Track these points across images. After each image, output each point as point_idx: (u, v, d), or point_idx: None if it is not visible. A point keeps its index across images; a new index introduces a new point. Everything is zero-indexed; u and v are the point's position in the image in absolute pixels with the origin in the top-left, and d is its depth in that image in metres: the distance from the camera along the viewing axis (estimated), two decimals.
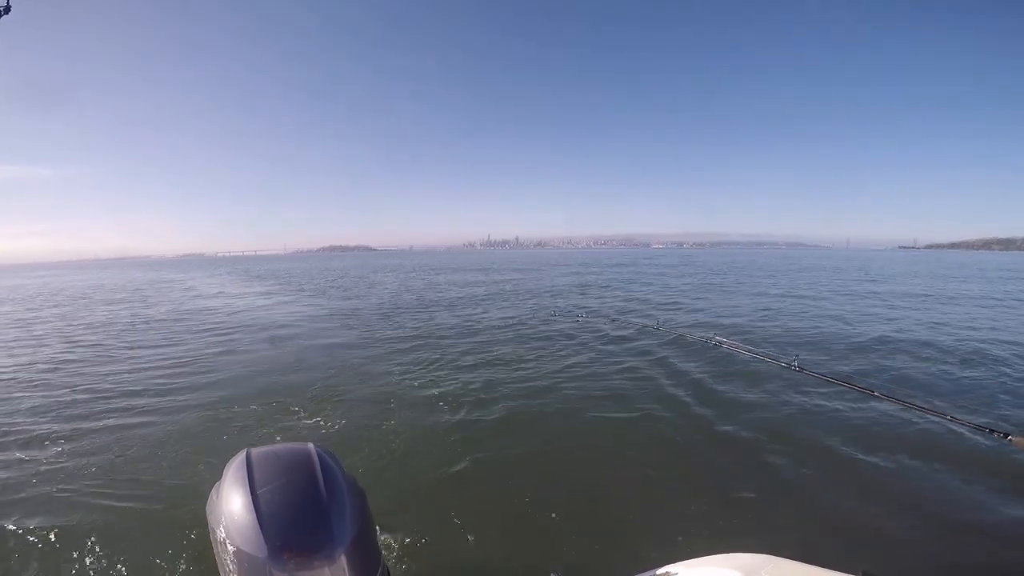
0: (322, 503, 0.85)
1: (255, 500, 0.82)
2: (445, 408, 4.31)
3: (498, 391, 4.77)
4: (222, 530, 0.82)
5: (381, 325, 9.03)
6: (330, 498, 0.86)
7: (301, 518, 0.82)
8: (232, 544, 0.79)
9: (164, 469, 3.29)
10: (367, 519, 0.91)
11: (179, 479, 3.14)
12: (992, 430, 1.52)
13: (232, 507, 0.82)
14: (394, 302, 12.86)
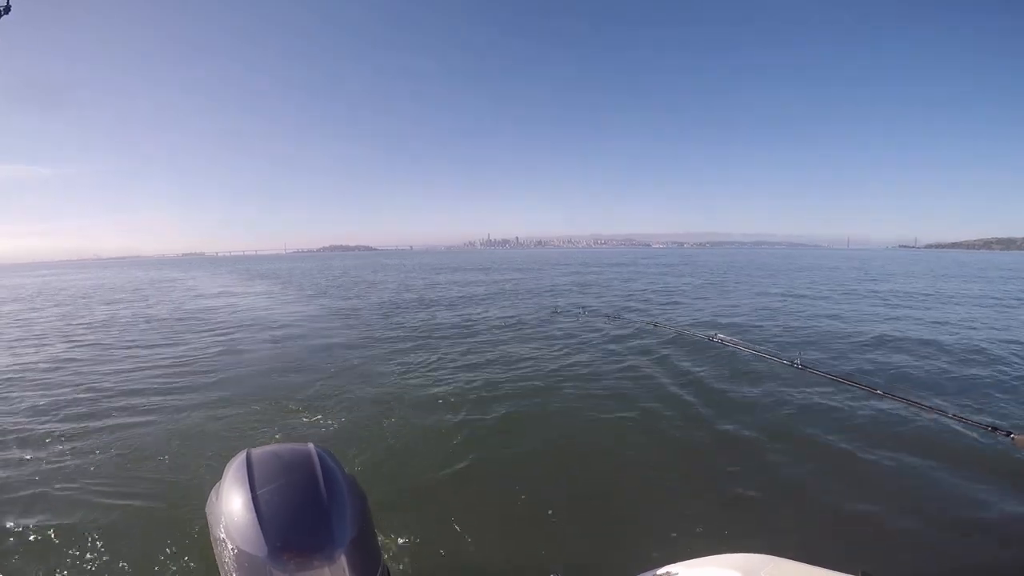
0: (322, 503, 0.85)
1: (255, 500, 0.82)
2: (445, 408, 4.31)
3: (498, 390, 4.77)
4: (222, 530, 0.82)
5: (382, 324, 9.03)
6: (330, 498, 0.86)
7: (301, 518, 0.83)
8: (232, 544, 0.79)
9: (165, 468, 3.29)
10: (367, 519, 0.92)
11: (180, 478, 3.14)
12: (995, 428, 1.51)
13: (232, 507, 0.83)
14: (395, 301, 12.85)
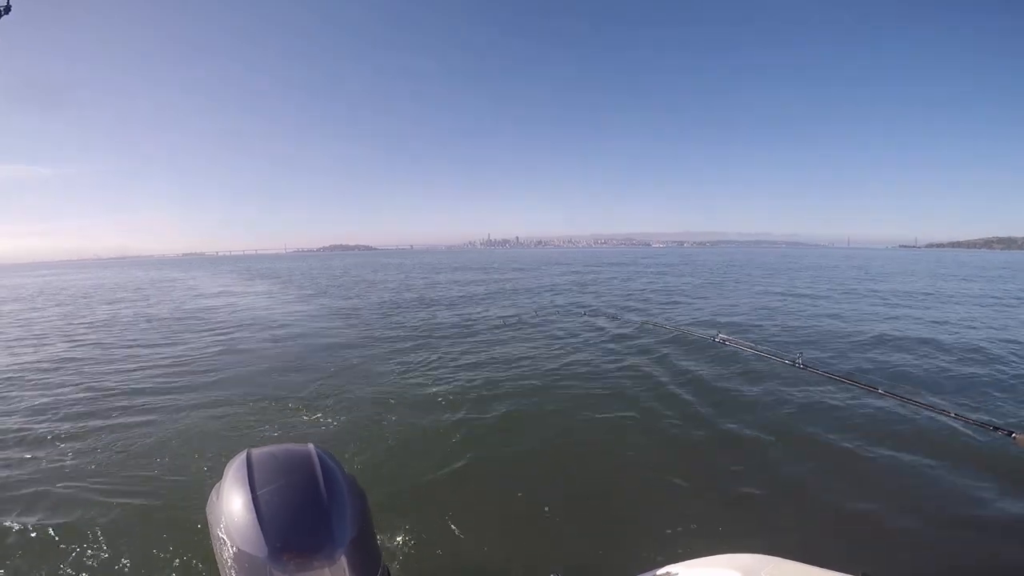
0: (322, 504, 0.85)
1: (255, 501, 0.82)
2: (445, 407, 4.31)
3: (498, 389, 4.78)
4: (222, 530, 0.82)
5: (381, 324, 9.03)
6: (330, 499, 0.86)
7: (301, 519, 0.83)
8: (232, 544, 0.79)
9: (165, 468, 3.30)
10: (367, 520, 0.92)
11: (180, 478, 3.15)
12: (996, 427, 1.51)
13: (232, 508, 0.83)
14: (395, 301, 12.86)
